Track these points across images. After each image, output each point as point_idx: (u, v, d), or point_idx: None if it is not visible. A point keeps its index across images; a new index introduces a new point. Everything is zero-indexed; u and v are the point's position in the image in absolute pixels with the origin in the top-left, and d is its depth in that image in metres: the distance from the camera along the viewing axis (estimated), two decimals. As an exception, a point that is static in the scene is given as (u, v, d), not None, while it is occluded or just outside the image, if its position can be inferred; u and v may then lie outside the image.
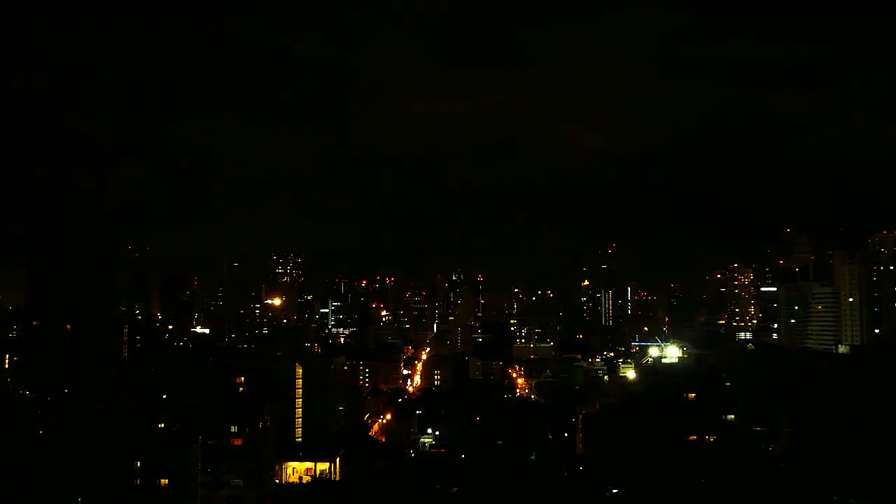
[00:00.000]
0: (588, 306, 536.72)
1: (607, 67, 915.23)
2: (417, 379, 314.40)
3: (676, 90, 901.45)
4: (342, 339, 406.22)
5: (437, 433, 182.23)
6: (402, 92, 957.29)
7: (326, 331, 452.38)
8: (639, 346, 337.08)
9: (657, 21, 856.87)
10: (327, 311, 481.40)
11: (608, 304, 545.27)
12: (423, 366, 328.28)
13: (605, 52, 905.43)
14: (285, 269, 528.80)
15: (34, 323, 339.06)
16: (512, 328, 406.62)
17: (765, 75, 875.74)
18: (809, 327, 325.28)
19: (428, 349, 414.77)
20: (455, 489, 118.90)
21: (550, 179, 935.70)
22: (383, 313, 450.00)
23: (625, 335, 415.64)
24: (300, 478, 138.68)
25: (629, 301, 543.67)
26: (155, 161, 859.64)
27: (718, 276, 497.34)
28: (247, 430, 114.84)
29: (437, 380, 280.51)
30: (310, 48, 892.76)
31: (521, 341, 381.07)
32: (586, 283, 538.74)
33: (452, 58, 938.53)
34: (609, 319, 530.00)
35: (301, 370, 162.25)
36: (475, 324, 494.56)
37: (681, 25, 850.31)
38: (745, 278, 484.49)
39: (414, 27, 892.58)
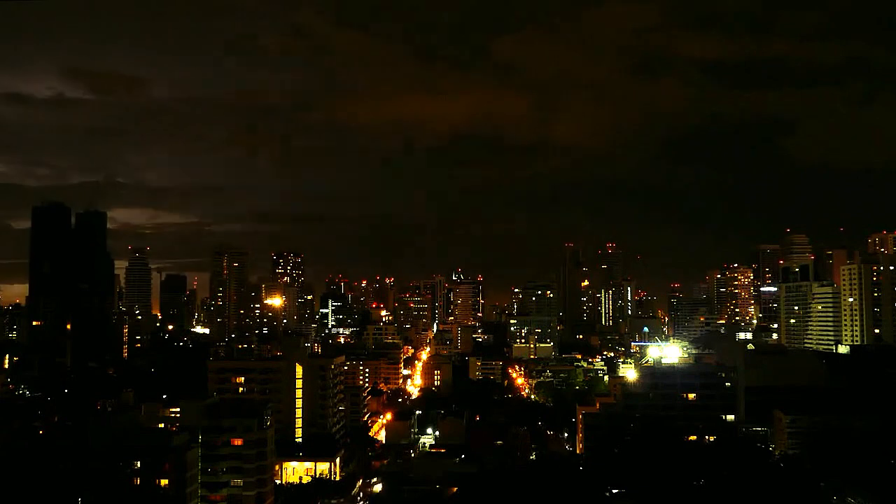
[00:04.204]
0: (588, 306, 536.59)
1: (592, 67, 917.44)
2: (417, 379, 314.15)
3: (662, 88, 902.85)
4: (342, 339, 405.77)
5: (437, 433, 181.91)
6: (390, 90, 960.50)
7: (326, 331, 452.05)
8: (639, 346, 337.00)
9: (634, 18, 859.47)
10: (327, 311, 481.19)
11: (608, 304, 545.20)
12: (423, 366, 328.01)
13: (590, 52, 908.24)
14: (285, 269, 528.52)
15: (34, 323, 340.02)
16: (512, 328, 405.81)
17: (755, 73, 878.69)
18: (809, 327, 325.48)
19: (428, 349, 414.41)
20: (455, 489, 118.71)
21: (547, 179, 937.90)
22: (383, 313, 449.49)
23: (625, 335, 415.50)
24: (300, 478, 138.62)
25: (629, 301, 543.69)
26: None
27: (718, 276, 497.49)
28: (246, 429, 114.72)
29: (437, 380, 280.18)
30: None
31: (521, 341, 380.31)
32: (586, 283, 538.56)
33: (437, 60, 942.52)
34: (609, 319, 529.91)
35: (301, 370, 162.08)
36: (475, 324, 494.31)
37: (662, 22, 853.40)
38: (745, 278, 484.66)
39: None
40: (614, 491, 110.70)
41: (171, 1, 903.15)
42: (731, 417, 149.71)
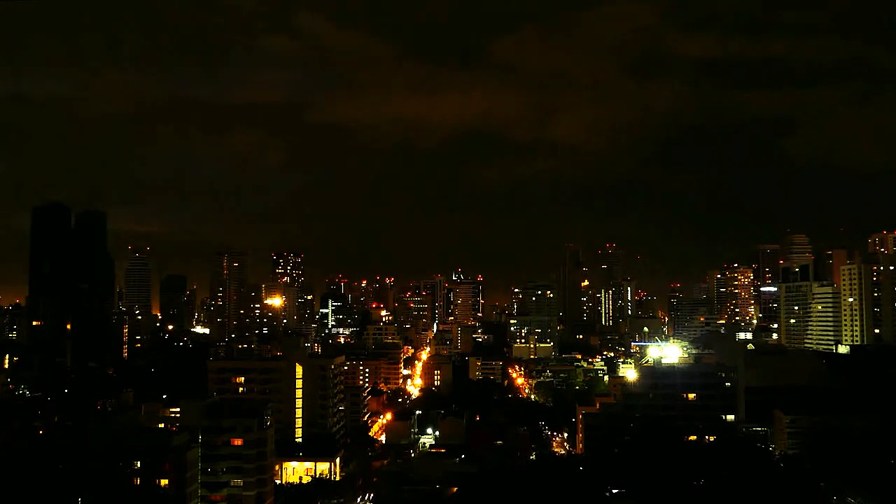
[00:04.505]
0: (588, 306, 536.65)
1: (591, 66, 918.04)
2: (417, 379, 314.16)
3: (661, 88, 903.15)
4: (342, 339, 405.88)
5: (437, 433, 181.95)
6: (389, 90, 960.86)
7: (326, 331, 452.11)
8: (639, 346, 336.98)
9: (633, 18, 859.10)
10: (327, 311, 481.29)
11: (608, 304, 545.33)
12: (423, 366, 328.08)
13: (589, 52, 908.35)
14: (285, 269, 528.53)
15: (34, 323, 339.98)
16: (512, 328, 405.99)
17: (754, 73, 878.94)
18: (809, 327, 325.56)
19: (428, 349, 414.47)
20: (455, 489, 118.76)
21: (547, 179, 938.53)
22: (383, 313, 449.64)
23: (625, 335, 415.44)
24: (300, 478, 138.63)
25: (629, 301, 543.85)
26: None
27: (718, 276, 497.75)
28: (246, 429, 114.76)
29: (437, 380, 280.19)
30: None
31: (521, 341, 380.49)
32: (586, 283, 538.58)
33: (436, 60, 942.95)
34: (609, 319, 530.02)
35: (301, 370, 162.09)
36: (475, 324, 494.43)
37: (661, 22, 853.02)
38: (745, 278, 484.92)
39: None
40: (614, 491, 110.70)
41: (170, 1, 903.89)
42: (731, 417, 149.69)
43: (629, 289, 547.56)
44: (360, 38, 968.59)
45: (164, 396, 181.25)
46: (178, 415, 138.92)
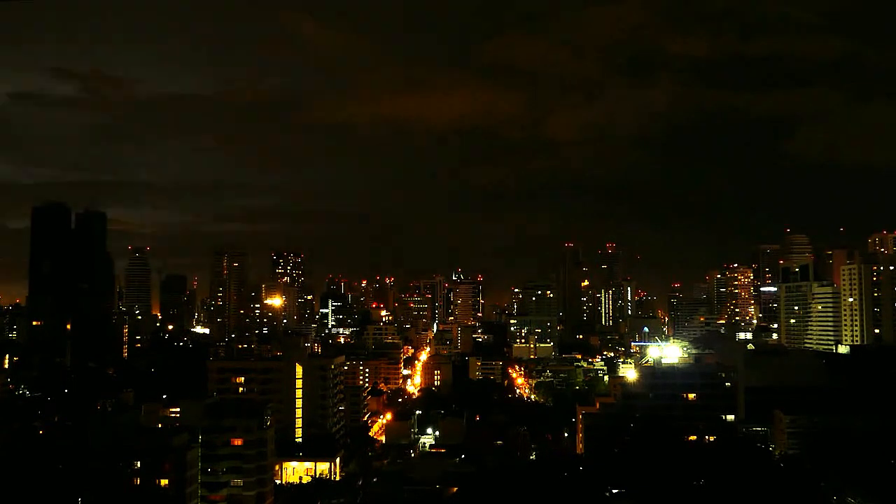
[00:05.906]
0: (588, 306, 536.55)
1: (588, 67, 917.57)
2: (417, 379, 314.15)
3: (659, 87, 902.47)
4: (342, 339, 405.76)
5: (437, 433, 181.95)
6: (385, 90, 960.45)
7: (326, 331, 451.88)
8: (639, 346, 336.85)
9: (630, 17, 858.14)
10: (327, 311, 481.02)
11: (608, 304, 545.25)
12: (422, 366, 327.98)
13: (589, 52, 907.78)
14: (285, 269, 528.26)
15: (34, 323, 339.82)
16: (512, 328, 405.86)
17: (752, 72, 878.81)
18: (809, 327, 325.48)
19: (428, 349, 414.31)
20: (455, 489, 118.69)
21: (546, 178, 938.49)
22: (383, 313, 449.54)
23: (625, 335, 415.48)
24: (300, 478, 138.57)
25: (629, 301, 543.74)
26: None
27: (718, 276, 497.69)
28: (246, 430, 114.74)
29: (437, 380, 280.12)
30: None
31: (521, 341, 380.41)
32: (586, 283, 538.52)
33: (430, 60, 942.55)
34: (609, 319, 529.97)
35: (301, 370, 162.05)
36: (475, 324, 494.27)
37: (657, 21, 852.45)
38: (745, 278, 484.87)
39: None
40: (614, 491, 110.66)
41: (162, 1, 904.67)
42: (731, 417, 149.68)
43: (629, 289, 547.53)
44: (352, 39, 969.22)
45: (164, 396, 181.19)
46: (178, 415, 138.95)
